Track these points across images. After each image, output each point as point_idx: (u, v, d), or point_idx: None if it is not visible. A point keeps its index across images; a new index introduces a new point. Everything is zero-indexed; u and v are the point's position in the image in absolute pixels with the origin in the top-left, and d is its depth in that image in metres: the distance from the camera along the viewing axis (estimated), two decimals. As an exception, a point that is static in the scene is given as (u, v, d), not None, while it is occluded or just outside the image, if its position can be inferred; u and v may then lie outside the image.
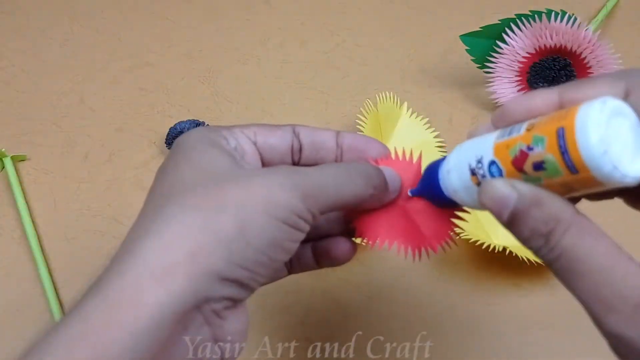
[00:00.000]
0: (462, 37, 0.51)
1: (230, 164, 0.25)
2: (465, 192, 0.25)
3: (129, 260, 0.23)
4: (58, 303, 0.40)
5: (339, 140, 0.29)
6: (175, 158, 0.26)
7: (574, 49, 0.47)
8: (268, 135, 0.28)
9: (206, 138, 0.26)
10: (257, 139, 0.28)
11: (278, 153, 0.28)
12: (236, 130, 0.28)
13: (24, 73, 0.56)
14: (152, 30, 0.60)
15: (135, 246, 0.23)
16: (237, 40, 0.59)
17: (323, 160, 0.29)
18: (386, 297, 0.41)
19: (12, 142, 0.50)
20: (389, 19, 0.60)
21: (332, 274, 0.42)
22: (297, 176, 0.24)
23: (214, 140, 0.26)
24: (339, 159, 0.29)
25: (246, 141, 0.27)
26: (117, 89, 0.54)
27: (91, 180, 0.48)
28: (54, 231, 0.45)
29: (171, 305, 0.22)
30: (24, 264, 0.43)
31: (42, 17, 0.61)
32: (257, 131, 0.28)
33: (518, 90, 0.50)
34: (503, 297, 0.41)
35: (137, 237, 0.23)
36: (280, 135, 0.28)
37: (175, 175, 0.25)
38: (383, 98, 0.49)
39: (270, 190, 0.24)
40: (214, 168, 0.25)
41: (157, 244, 0.23)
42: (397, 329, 0.39)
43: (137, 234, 0.23)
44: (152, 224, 0.23)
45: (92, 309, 0.22)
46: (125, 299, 0.22)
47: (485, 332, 0.39)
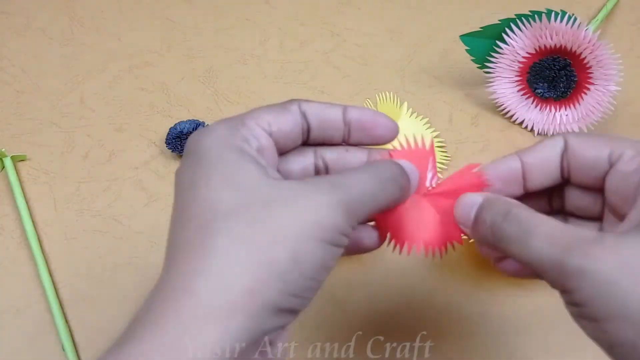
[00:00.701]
0: (462, 37, 0.51)
1: (265, 178, 0.24)
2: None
3: (185, 298, 0.22)
4: (58, 303, 0.40)
5: (346, 117, 0.28)
6: (202, 170, 0.25)
7: (574, 49, 0.47)
8: (281, 122, 0.27)
9: (229, 143, 0.25)
10: (271, 129, 0.27)
11: (290, 139, 0.28)
12: (252, 124, 0.27)
13: (24, 73, 0.56)
14: (152, 30, 0.60)
15: (190, 285, 0.22)
16: (237, 40, 0.59)
17: (331, 139, 0.29)
18: (386, 297, 0.41)
19: (12, 142, 0.50)
20: (389, 19, 0.60)
21: (332, 274, 0.42)
22: (339, 192, 0.24)
23: (237, 145, 0.25)
24: (347, 137, 0.29)
25: (263, 135, 0.27)
26: (117, 89, 0.54)
27: (91, 180, 0.48)
28: (54, 231, 0.45)
29: (231, 343, 0.22)
30: (24, 264, 0.43)
31: (42, 17, 0.61)
32: (270, 120, 0.27)
33: (518, 90, 0.50)
34: (503, 297, 0.41)
35: (190, 272, 0.22)
36: (292, 121, 0.27)
37: (211, 195, 0.24)
38: (383, 98, 0.49)
39: (318, 213, 0.23)
40: (251, 185, 0.24)
41: (214, 283, 0.22)
42: (397, 329, 0.39)
43: (189, 268, 0.22)
44: (204, 259, 0.22)
45: (149, 347, 0.21)
46: (185, 339, 0.21)
47: (485, 332, 0.39)
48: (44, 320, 0.40)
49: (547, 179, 0.28)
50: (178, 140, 0.47)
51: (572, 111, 0.49)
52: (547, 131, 0.50)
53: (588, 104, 0.48)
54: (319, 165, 0.29)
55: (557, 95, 0.49)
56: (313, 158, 0.29)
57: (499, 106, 0.51)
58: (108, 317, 0.40)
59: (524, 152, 0.28)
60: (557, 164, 0.28)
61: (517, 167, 0.28)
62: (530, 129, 0.50)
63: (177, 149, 0.47)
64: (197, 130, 0.27)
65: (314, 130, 0.28)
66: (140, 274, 0.42)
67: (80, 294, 0.41)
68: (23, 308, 0.41)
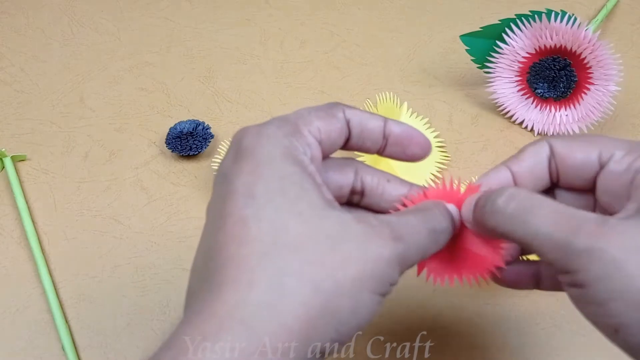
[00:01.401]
0: (462, 37, 0.51)
1: (328, 209, 0.24)
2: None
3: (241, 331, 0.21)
4: (58, 303, 0.40)
5: (386, 130, 0.28)
6: (263, 183, 0.23)
7: (574, 49, 0.47)
8: (330, 130, 0.27)
9: (289, 154, 0.24)
10: (321, 136, 0.26)
11: (334, 146, 0.27)
12: (306, 132, 0.26)
13: (24, 73, 0.56)
14: (152, 30, 0.60)
15: (254, 320, 0.21)
16: (237, 40, 0.59)
17: (367, 149, 0.28)
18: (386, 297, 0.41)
19: (12, 142, 0.50)
20: (389, 19, 0.60)
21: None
22: (400, 246, 0.24)
23: (298, 159, 0.24)
24: (382, 150, 0.29)
25: (315, 144, 0.26)
26: (117, 89, 0.54)
27: (91, 180, 0.48)
28: (54, 231, 0.45)
29: None
30: (24, 264, 0.43)
31: (42, 17, 0.61)
32: (321, 127, 0.26)
33: (518, 90, 0.50)
34: (503, 297, 0.41)
35: (245, 301, 0.22)
36: (339, 129, 0.27)
37: (276, 220, 0.23)
38: (383, 98, 0.49)
39: (380, 266, 0.23)
40: (316, 215, 0.23)
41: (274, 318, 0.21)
42: (397, 329, 0.39)
43: (244, 296, 0.22)
44: (269, 293, 0.22)
45: None
46: None
47: (485, 332, 0.39)
48: (44, 320, 0.40)
49: (537, 185, 0.28)
50: (178, 140, 0.47)
51: (572, 111, 0.49)
52: (547, 131, 0.50)
53: (588, 104, 0.48)
54: (357, 187, 0.29)
55: (557, 95, 0.49)
56: (352, 179, 0.29)
57: (499, 106, 0.51)
58: (108, 317, 0.40)
59: (511, 161, 0.28)
60: (545, 169, 0.28)
61: (507, 177, 0.28)
62: (530, 129, 0.50)
63: (177, 149, 0.47)
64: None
65: (353, 138, 0.28)
66: (140, 274, 0.42)
67: (80, 294, 0.41)
68: (23, 308, 0.41)
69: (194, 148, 0.47)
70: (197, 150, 0.47)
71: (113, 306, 0.41)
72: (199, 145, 0.47)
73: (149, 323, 0.40)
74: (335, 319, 0.22)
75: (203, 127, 0.48)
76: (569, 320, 0.39)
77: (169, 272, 0.42)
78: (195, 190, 0.47)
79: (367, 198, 0.29)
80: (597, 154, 0.27)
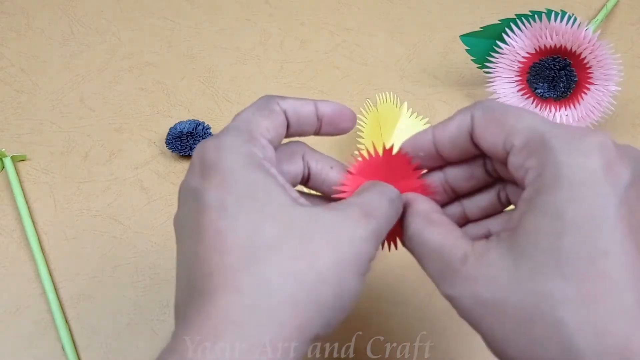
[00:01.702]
0: (462, 37, 0.51)
1: (296, 206, 0.25)
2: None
3: (237, 332, 0.22)
4: (58, 303, 0.40)
5: (319, 113, 0.29)
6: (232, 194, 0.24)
7: (574, 49, 0.47)
8: (275, 127, 0.27)
9: (251, 162, 0.25)
10: (270, 135, 0.27)
11: (279, 138, 0.28)
12: (258, 135, 0.27)
13: (24, 73, 0.56)
14: (152, 30, 0.60)
15: (239, 318, 0.22)
16: (237, 40, 0.59)
17: (304, 133, 0.29)
18: (386, 297, 0.41)
19: (12, 142, 0.50)
20: (389, 19, 0.60)
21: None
22: (373, 222, 0.25)
23: (259, 164, 0.25)
24: (318, 131, 0.29)
25: (268, 146, 0.27)
26: (117, 89, 0.54)
27: (91, 180, 0.48)
28: (54, 231, 0.45)
29: None
30: (24, 264, 0.43)
31: (42, 17, 0.61)
32: (268, 127, 0.27)
33: (518, 90, 0.50)
34: (503, 297, 0.41)
35: (236, 304, 0.22)
36: (281, 123, 0.28)
37: (250, 226, 0.24)
38: (383, 98, 0.49)
39: (356, 247, 0.24)
40: (286, 215, 0.24)
41: (265, 319, 0.22)
42: (397, 329, 0.39)
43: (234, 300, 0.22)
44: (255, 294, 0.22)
45: None
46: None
47: (485, 332, 0.39)
48: (44, 320, 0.40)
49: (461, 154, 0.28)
50: (178, 140, 0.47)
51: (572, 111, 0.49)
52: (547, 131, 0.50)
53: (588, 104, 0.48)
54: (305, 173, 0.30)
55: (557, 95, 0.49)
56: (302, 167, 0.30)
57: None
58: (108, 317, 0.40)
59: (438, 125, 0.28)
60: (467, 142, 0.27)
61: (428, 143, 0.28)
62: (530, 129, 0.50)
63: (177, 149, 0.47)
64: (205, 141, 0.26)
65: (292, 127, 0.29)
66: (140, 274, 0.42)
67: (80, 294, 0.41)
68: (23, 308, 0.41)
69: (194, 148, 0.47)
70: (197, 150, 0.47)
71: (113, 306, 0.41)
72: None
73: (149, 323, 0.40)
74: (322, 306, 0.23)
75: (203, 127, 0.48)
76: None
77: (169, 272, 0.42)
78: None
79: (311, 182, 0.30)
80: (502, 141, 0.25)
